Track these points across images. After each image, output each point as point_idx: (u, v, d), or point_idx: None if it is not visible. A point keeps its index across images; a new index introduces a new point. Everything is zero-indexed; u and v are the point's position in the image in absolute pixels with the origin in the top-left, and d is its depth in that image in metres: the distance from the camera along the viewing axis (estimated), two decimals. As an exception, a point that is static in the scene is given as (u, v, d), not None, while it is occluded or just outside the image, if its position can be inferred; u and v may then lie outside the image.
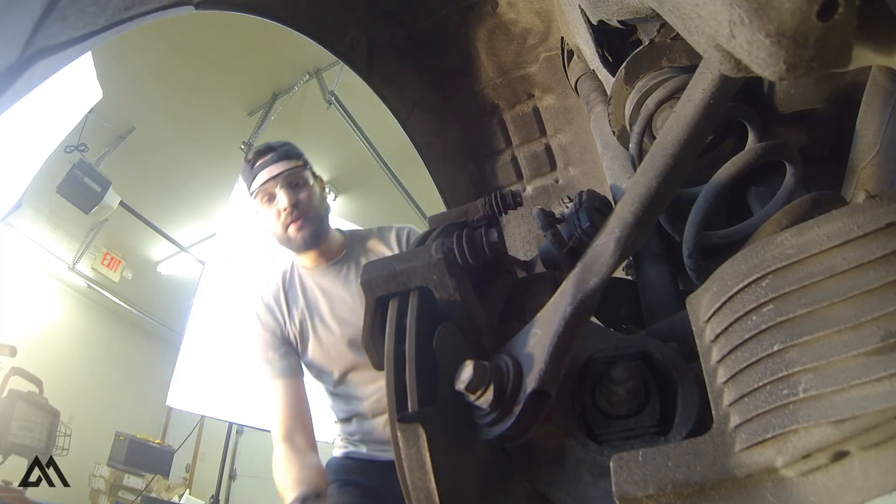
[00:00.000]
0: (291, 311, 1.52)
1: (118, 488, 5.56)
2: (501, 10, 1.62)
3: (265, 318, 1.52)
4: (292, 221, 1.46)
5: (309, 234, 1.47)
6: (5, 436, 4.00)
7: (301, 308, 1.52)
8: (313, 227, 1.48)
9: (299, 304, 1.53)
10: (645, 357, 0.55)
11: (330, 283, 1.54)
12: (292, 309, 1.53)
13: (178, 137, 5.21)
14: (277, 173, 1.45)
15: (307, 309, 1.52)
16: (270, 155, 1.48)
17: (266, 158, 1.48)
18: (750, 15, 0.34)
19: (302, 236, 1.47)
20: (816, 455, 0.36)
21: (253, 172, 1.48)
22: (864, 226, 0.38)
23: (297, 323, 1.51)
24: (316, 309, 1.52)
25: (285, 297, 1.54)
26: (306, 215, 1.47)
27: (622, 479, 0.41)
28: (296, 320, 1.51)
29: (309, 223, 1.47)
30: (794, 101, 0.89)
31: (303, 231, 1.46)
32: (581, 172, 1.80)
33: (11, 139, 3.52)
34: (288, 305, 1.53)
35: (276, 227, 1.49)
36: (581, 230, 0.75)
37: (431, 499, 0.45)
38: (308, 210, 1.47)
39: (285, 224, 1.46)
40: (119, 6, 0.82)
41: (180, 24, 3.92)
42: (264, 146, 1.53)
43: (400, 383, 0.51)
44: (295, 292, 1.55)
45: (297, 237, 1.47)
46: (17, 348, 4.30)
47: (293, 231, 1.46)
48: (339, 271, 1.56)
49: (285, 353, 1.48)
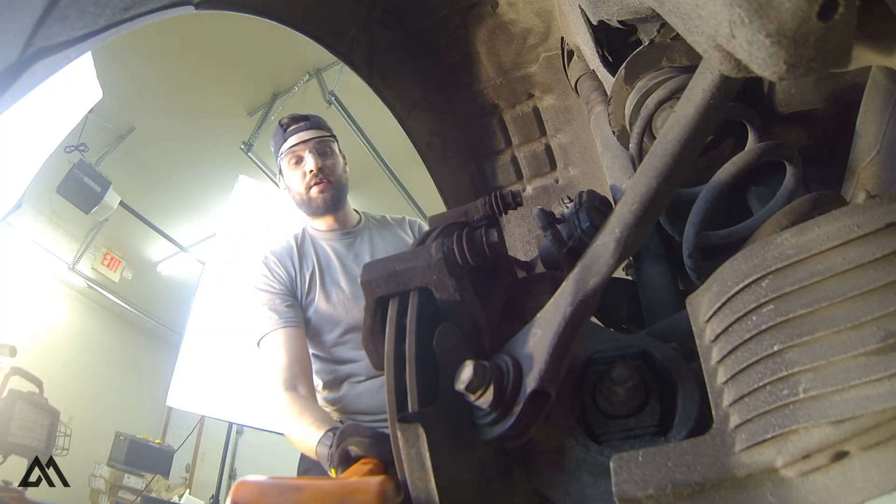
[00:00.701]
0: (302, 266, 1.57)
1: (118, 488, 5.56)
2: (501, 10, 1.62)
3: (275, 267, 1.55)
4: (316, 183, 1.56)
5: (330, 197, 1.58)
6: (5, 436, 4.00)
7: (312, 264, 1.57)
8: (334, 192, 1.59)
9: (310, 260, 1.58)
10: (645, 357, 0.55)
11: (343, 249, 1.61)
12: (303, 263, 1.58)
13: (179, 137, 5.21)
14: (308, 138, 1.57)
15: (318, 265, 1.56)
16: (304, 122, 1.60)
17: (300, 124, 1.60)
18: (750, 15, 0.34)
19: (323, 198, 1.57)
20: (816, 455, 0.36)
21: (285, 136, 1.59)
22: (864, 226, 0.38)
23: (307, 277, 1.54)
24: (327, 266, 1.57)
25: (298, 252, 1.59)
26: (329, 179, 1.57)
27: (622, 479, 0.41)
28: (306, 275, 1.55)
29: (331, 187, 1.58)
30: (794, 101, 0.89)
31: (324, 193, 1.57)
32: (581, 172, 1.80)
33: (11, 139, 3.51)
34: (300, 259, 1.58)
35: (299, 188, 1.59)
36: (581, 230, 0.75)
37: (431, 499, 0.45)
38: (331, 175, 1.58)
39: (309, 185, 1.57)
40: (119, 6, 0.82)
41: (180, 25, 3.92)
42: (298, 115, 1.64)
43: (400, 383, 0.51)
44: (307, 249, 1.60)
45: (319, 198, 1.57)
46: (18, 348, 4.30)
47: (315, 192, 1.57)
48: (353, 241, 1.63)
49: (291, 303, 1.51)
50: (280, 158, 1.61)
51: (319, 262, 1.57)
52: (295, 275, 1.55)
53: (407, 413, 0.48)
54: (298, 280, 1.54)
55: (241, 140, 4.97)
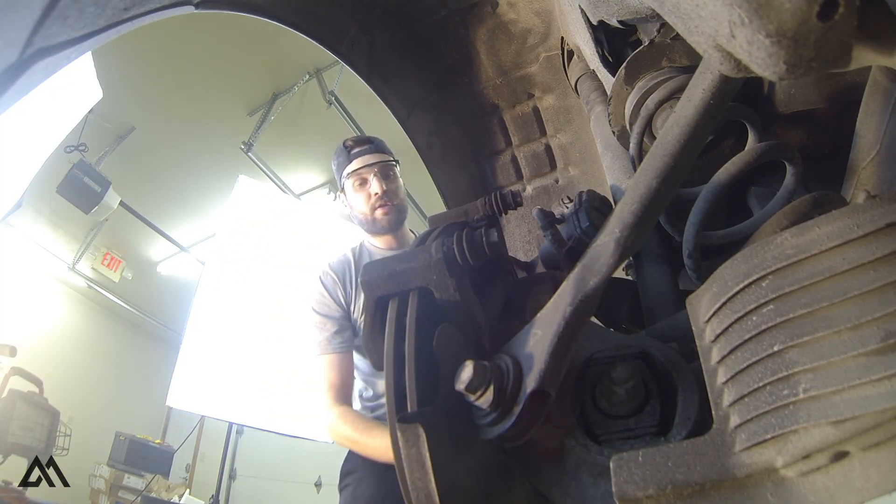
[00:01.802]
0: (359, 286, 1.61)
1: (118, 488, 5.56)
2: (501, 10, 1.62)
3: (332, 286, 1.61)
4: (381, 206, 1.64)
5: (393, 219, 1.65)
6: (5, 436, 4.00)
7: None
8: (397, 214, 1.66)
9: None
10: (645, 357, 0.55)
11: None
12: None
13: (179, 137, 5.21)
14: (374, 162, 1.64)
15: None
16: (368, 145, 1.67)
17: (364, 147, 1.66)
18: (750, 15, 0.34)
19: (388, 219, 1.65)
20: (816, 455, 0.36)
21: (350, 157, 1.66)
22: (864, 226, 0.38)
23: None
24: None
25: (356, 267, 1.65)
26: (393, 202, 1.65)
27: (622, 480, 0.41)
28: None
29: (394, 209, 1.66)
30: (794, 101, 0.89)
31: (389, 215, 1.65)
32: (581, 172, 1.80)
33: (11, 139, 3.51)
34: (357, 275, 1.63)
35: (363, 208, 1.66)
36: (581, 230, 0.75)
37: (431, 499, 0.45)
38: (395, 198, 1.67)
39: (374, 207, 1.64)
40: (119, 6, 0.82)
41: (180, 24, 3.91)
42: (363, 137, 1.72)
43: (399, 383, 0.51)
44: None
45: (384, 219, 1.65)
46: (18, 348, 4.30)
47: (380, 214, 1.64)
48: None
49: (343, 327, 1.57)
50: (344, 179, 1.67)
51: None
52: (351, 292, 1.61)
53: (407, 413, 0.48)
54: (355, 298, 1.60)
55: (241, 140, 4.97)
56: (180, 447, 5.96)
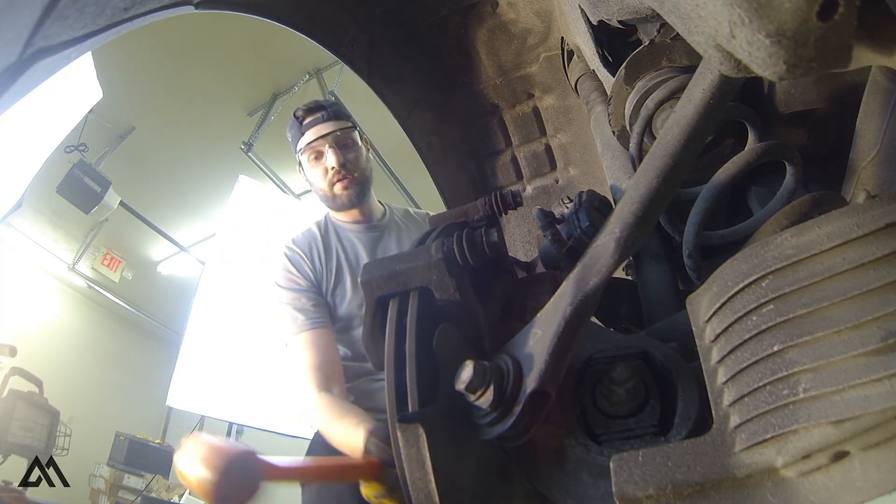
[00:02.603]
0: (328, 258, 1.51)
1: (118, 488, 5.56)
2: (501, 10, 1.62)
3: (300, 261, 1.49)
4: (339, 180, 1.50)
5: (354, 193, 1.51)
6: (5, 436, 4.00)
7: (339, 256, 1.51)
8: (359, 187, 1.52)
9: (337, 252, 1.52)
10: (645, 357, 0.55)
11: (370, 243, 1.56)
12: (328, 256, 1.52)
13: (178, 137, 5.21)
14: (327, 132, 1.48)
15: (346, 258, 1.51)
16: (321, 113, 1.50)
17: (316, 116, 1.50)
18: (750, 15, 0.34)
19: (347, 194, 1.51)
20: (816, 455, 0.36)
21: (301, 129, 1.51)
22: (864, 226, 0.38)
23: (334, 270, 1.49)
24: (356, 260, 1.51)
25: (323, 242, 1.54)
26: (353, 175, 1.51)
27: (622, 479, 0.41)
28: (332, 268, 1.50)
29: (355, 182, 1.51)
30: (794, 101, 0.89)
31: (349, 189, 1.51)
32: (581, 172, 1.80)
33: (11, 139, 3.51)
34: (325, 251, 1.53)
35: (321, 184, 1.52)
36: (580, 230, 0.75)
37: (431, 499, 0.45)
38: (355, 170, 1.51)
39: (332, 182, 1.50)
40: (119, 6, 0.82)
41: (180, 24, 3.91)
42: (314, 103, 1.54)
43: (400, 383, 0.51)
44: (331, 241, 1.55)
45: (343, 195, 1.51)
46: (17, 348, 4.30)
47: (339, 189, 1.51)
48: (381, 235, 1.58)
49: (318, 302, 1.46)
50: (299, 154, 1.54)
51: (347, 255, 1.51)
52: (321, 268, 1.49)
53: (407, 413, 0.48)
54: (325, 274, 1.49)
55: (241, 140, 4.97)
56: (180, 447, 5.94)
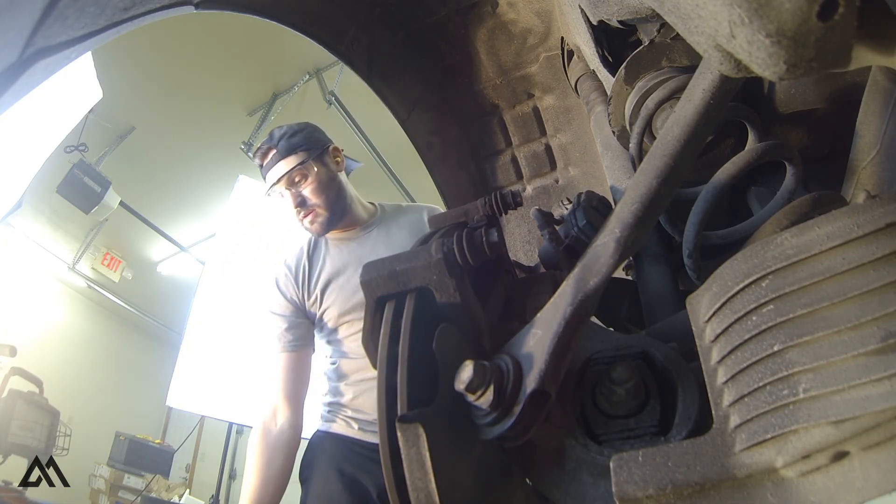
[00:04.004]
0: (312, 274, 1.57)
1: (118, 488, 5.56)
2: (501, 10, 1.62)
3: (284, 288, 1.57)
4: (304, 217, 1.56)
5: (321, 224, 1.57)
6: (5, 436, 4.00)
7: (325, 269, 1.57)
8: (323, 217, 1.56)
9: (323, 266, 1.58)
10: (645, 357, 0.55)
11: (357, 246, 1.61)
12: (313, 271, 1.58)
13: (178, 137, 5.21)
14: (278, 178, 1.52)
15: (332, 269, 1.56)
16: (271, 155, 1.54)
17: (268, 160, 1.55)
18: (750, 15, 0.34)
19: (315, 228, 1.57)
20: (816, 455, 0.36)
21: (262, 174, 1.58)
22: (864, 226, 0.38)
23: (322, 282, 1.55)
24: (344, 268, 1.56)
25: (309, 260, 1.59)
26: (315, 209, 1.55)
27: (622, 479, 0.41)
28: (321, 279, 1.55)
29: (317, 216, 1.56)
30: (794, 101, 0.89)
31: (314, 224, 1.56)
32: (581, 172, 1.80)
33: (11, 139, 3.51)
34: (309, 267, 1.58)
35: (295, 220, 1.60)
36: (578, 228, 0.75)
37: (431, 499, 0.45)
38: (315, 204, 1.55)
39: (300, 219, 1.57)
40: (119, 6, 0.82)
41: (180, 24, 3.91)
42: (265, 144, 1.57)
43: (391, 384, 0.51)
44: (318, 255, 1.61)
45: (312, 228, 1.58)
46: (18, 348, 4.30)
47: (307, 223, 1.57)
48: (369, 235, 1.63)
49: (297, 323, 1.54)
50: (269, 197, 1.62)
51: (334, 266, 1.57)
52: (304, 283, 1.56)
53: (407, 413, 0.48)
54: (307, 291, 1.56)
55: (241, 140, 4.97)
56: (180, 447, 5.95)
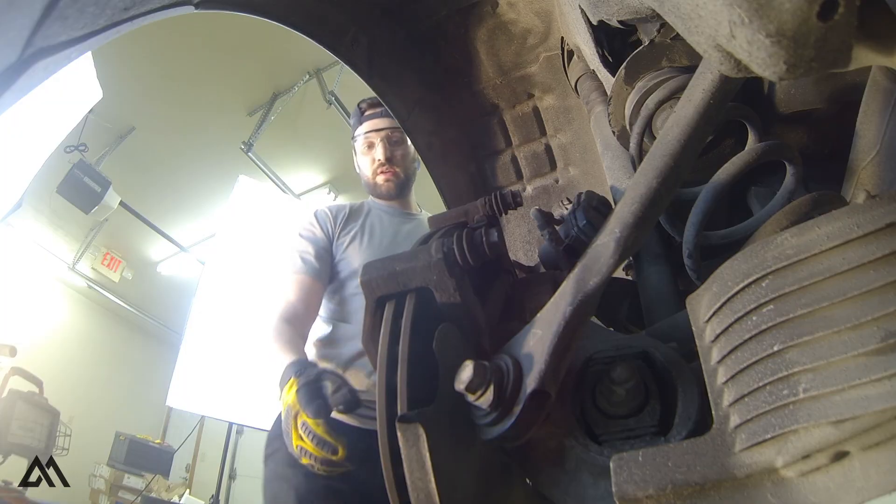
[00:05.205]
0: (352, 219, 1.61)
1: (118, 488, 5.56)
2: (501, 10, 1.62)
3: (323, 219, 1.59)
4: (382, 172, 1.64)
5: (394, 186, 1.65)
6: (5, 436, 4.00)
7: (364, 220, 1.61)
8: (399, 182, 1.65)
9: (364, 217, 1.62)
10: (645, 357, 0.55)
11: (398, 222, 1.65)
12: (354, 218, 1.62)
13: (178, 137, 5.21)
14: (382, 127, 1.63)
15: (369, 222, 1.60)
16: (381, 108, 1.66)
17: (376, 111, 1.67)
18: (750, 15, 0.34)
19: (387, 186, 1.65)
20: (816, 455, 0.36)
21: (361, 119, 1.68)
22: (864, 226, 0.38)
23: (355, 229, 1.58)
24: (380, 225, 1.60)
25: (351, 210, 1.64)
26: (395, 170, 1.65)
27: (622, 480, 0.41)
28: (353, 227, 1.59)
29: (396, 177, 1.65)
30: (794, 101, 0.89)
31: (390, 182, 1.65)
32: (581, 172, 1.80)
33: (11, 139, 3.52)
34: (349, 214, 1.63)
35: (367, 172, 1.67)
36: (577, 228, 0.75)
37: (431, 499, 0.45)
38: (398, 166, 1.66)
39: (376, 172, 1.65)
40: (119, 6, 0.82)
41: (180, 25, 3.91)
42: (376, 99, 1.65)
43: (391, 384, 0.51)
44: (361, 210, 1.66)
45: (384, 186, 1.65)
46: (18, 348, 4.30)
47: (381, 180, 1.65)
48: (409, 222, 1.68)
49: (323, 255, 1.54)
50: (354, 140, 1.69)
51: (371, 222, 1.60)
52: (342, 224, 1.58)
53: (407, 413, 0.48)
54: (342, 230, 1.57)
55: (241, 140, 4.97)
56: (180, 447, 5.95)
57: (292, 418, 1.12)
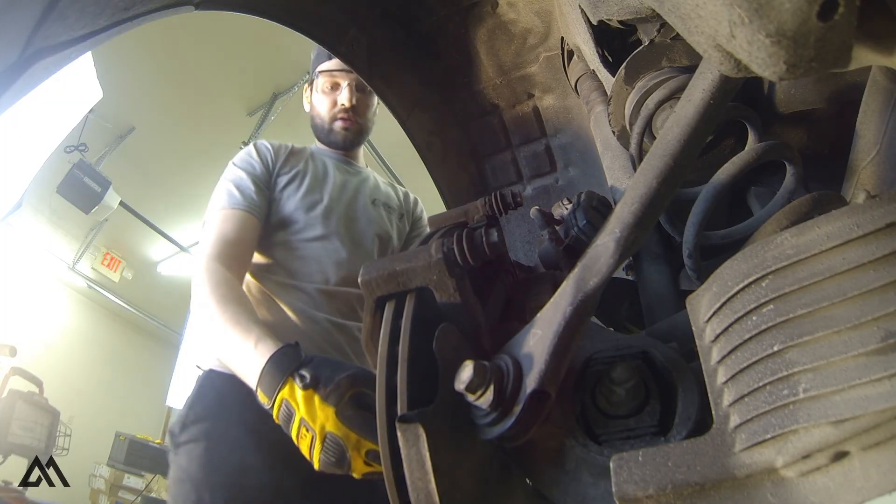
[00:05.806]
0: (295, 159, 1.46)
1: (118, 488, 5.57)
2: (501, 10, 1.62)
3: (264, 152, 1.42)
4: (343, 119, 1.51)
5: (350, 137, 1.52)
6: (5, 436, 4.01)
7: (307, 162, 1.47)
8: (357, 133, 1.53)
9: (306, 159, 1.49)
10: (645, 357, 0.55)
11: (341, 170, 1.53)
12: (297, 158, 1.47)
13: (178, 137, 5.22)
14: (353, 70, 1.50)
15: (312, 165, 1.47)
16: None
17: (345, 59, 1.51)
18: (750, 15, 0.34)
19: (344, 135, 1.52)
20: (816, 455, 0.36)
21: (330, 55, 1.53)
22: (864, 226, 0.38)
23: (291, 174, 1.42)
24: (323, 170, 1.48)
25: (291, 150, 1.49)
26: (357, 120, 1.52)
27: (622, 479, 0.41)
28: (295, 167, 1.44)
29: (356, 127, 1.52)
30: (794, 101, 0.89)
31: (347, 132, 1.52)
32: (581, 172, 1.80)
33: (11, 139, 3.52)
34: (295, 154, 1.48)
35: (323, 114, 1.52)
36: (578, 228, 0.75)
37: (431, 499, 0.45)
38: (361, 116, 1.53)
39: (334, 117, 1.51)
40: (119, 6, 0.82)
41: (180, 25, 3.92)
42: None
43: (391, 385, 0.51)
44: (302, 154, 1.51)
45: (340, 133, 1.52)
46: (18, 348, 4.31)
47: (339, 126, 1.51)
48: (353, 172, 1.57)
49: (261, 191, 1.33)
50: (315, 74, 1.55)
51: (315, 166, 1.47)
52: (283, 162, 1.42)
53: (407, 413, 0.48)
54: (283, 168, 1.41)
55: (241, 140, 4.97)
56: (180, 447, 5.94)
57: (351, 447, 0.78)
